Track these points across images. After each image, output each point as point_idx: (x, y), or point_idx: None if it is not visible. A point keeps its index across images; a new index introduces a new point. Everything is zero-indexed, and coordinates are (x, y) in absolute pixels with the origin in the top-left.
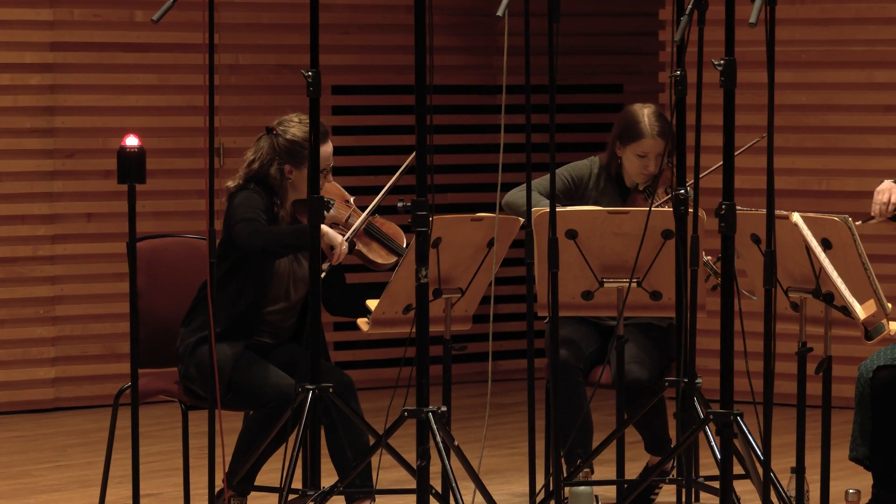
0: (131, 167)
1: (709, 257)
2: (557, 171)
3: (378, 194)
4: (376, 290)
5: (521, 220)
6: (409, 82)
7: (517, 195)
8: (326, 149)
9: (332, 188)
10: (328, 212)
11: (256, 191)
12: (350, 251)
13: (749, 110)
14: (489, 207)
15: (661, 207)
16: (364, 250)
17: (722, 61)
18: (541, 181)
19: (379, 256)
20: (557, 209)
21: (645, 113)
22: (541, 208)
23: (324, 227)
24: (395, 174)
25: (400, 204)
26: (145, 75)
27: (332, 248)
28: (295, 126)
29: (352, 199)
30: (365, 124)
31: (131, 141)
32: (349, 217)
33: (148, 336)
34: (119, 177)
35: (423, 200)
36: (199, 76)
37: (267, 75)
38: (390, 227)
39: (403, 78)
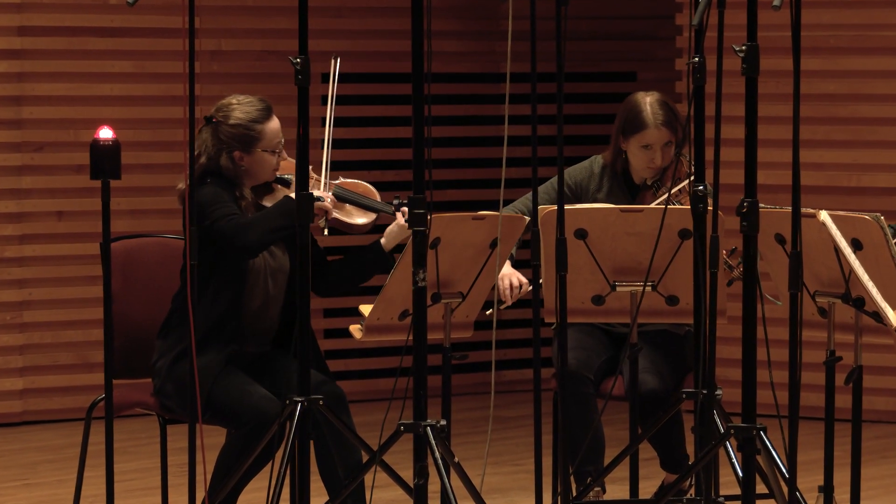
0: (105, 161)
1: (724, 251)
2: (551, 181)
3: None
4: (370, 294)
5: (527, 218)
6: (405, 70)
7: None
8: (272, 125)
9: (289, 165)
10: (289, 189)
11: (216, 184)
12: (327, 224)
13: (773, 100)
14: (492, 205)
15: (670, 196)
16: (340, 216)
17: (744, 47)
18: (523, 201)
19: (357, 217)
20: (566, 207)
21: (647, 101)
22: (535, 201)
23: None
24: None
25: (396, 201)
26: (120, 62)
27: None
28: (236, 109)
29: (311, 170)
30: (358, 115)
31: (105, 133)
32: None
33: (123, 344)
34: (92, 172)
35: (420, 198)
36: (179, 63)
37: (252, 62)
38: (359, 186)
39: (399, 65)
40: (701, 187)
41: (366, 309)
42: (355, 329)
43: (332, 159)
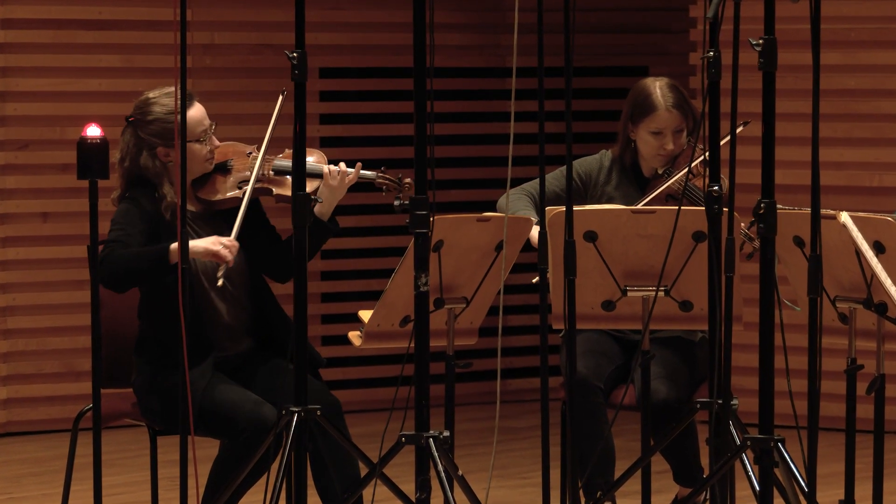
0: (92, 160)
1: (743, 224)
2: (561, 169)
3: (267, 135)
4: (370, 299)
5: (534, 220)
6: (407, 64)
7: (506, 203)
8: (194, 113)
9: (226, 148)
10: (228, 174)
11: (134, 197)
12: (223, 274)
13: (791, 96)
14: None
15: (688, 178)
16: (283, 191)
17: (761, 41)
18: (532, 184)
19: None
20: (575, 208)
21: (657, 85)
22: (543, 203)
23: (193, 246)
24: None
25: (397, 202)
26: (108, 56)
27: (215, 254)
28: (153, 104)
29: (254, 149)
30: (357, 111)
31: (93, 131)
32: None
33: (112, 352)
34: (79, 171)
35: (422, 198)
36: (170, 57)
37: (246, 56)
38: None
39: (400, 59)
40: (716, 187)
41: (365, 315)
42: (354, 336)
43: (329, 157)
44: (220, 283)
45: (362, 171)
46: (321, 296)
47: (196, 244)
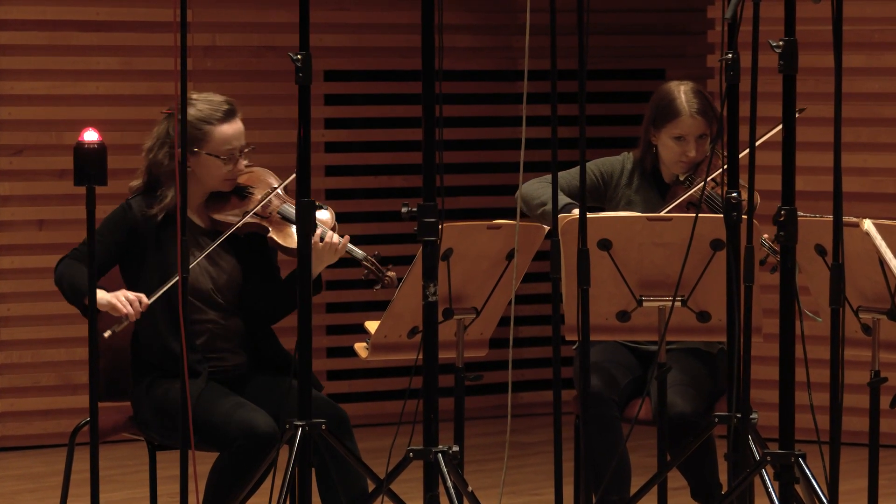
0: (90, 166)
1: (766, 235)
2: (576, 167)
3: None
4: (377, 309)
5: (546, 228)
6: (415, 67)
7: (534, 188)
8: (226, 129)
9: (257, 175)
10: (242, 200)
11: (130, 206)
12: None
13: (812, 99)
14: (509, 213)
15: (706, 186)
16: (277, 237)
17: (781, 42)
18: (567, 173)
19: (292, 241)
20: (588, 216)
21: (682, 89)
22: (556, 209)
23: (99, 296)
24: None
25: (404, 209)
26: (106, 59)
27: (114, 306)
28: (191, 106)
29: (279, 187)
30: (363, 116)
31: (90, 135)
32: (266, 205)
33: (109, 364)
34: (76, 177)
35: (431, 205)
36: (170, 60)
37: (248, 59)
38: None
39: (408, 62)
40: (735, 194)
41: (372, 325)
42: (360, 347)
43: (333, 163)
44: (106, 334)
45: (350, 247)
46: (326, 306)
47: (102, 295)
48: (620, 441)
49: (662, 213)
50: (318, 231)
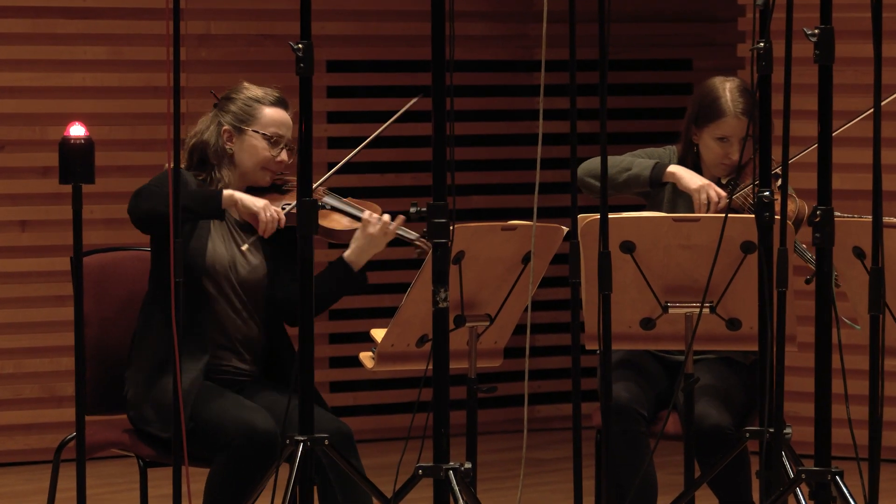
0: (76, 163)
1: (804, 244)
2: (633, 152)
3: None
4: (383, 317)
5: (565, 229)
6: (424, 57)
7: (610, 158)
8: (276, 112)
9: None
10: (281, 195)
11: (181, 171)
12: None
13: (850, 91)
14: (524, 213)
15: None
16: (324, 223)
17: (816, 30)
18: (631, 154)
19: (338, 224)
20: (610, 216)
21: (727, 87)
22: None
23: (232, 193)
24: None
25: (413, 209)
26: (94, 48)
27: (255, 215)
28: (246, 89)
29: (322, 181)
30: (368, 109)
31: (76, 130)
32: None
33: (97, 375)
34: (61, 175)
35: (441, 205)
36: (162, 49)
37: (246, 48)
38: (355, 201)
39: (416, 52)
40: (767, 192)
41: (378, 334)
42: (366, 357)
43: (336, 160)
44: (244, 247)
45: (402, 228)
46: (329, 313)
47: (244, 197)
48: (646, 457)
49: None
50: (368, 211)
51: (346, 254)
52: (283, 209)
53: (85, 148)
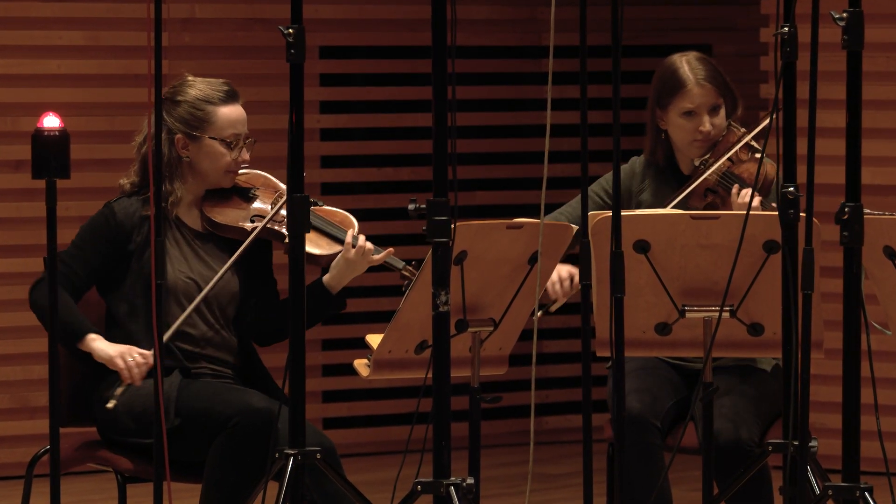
0: (50, 156)
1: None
2: (598, 182)
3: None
4: (380, 321)
5: (575, 227)
6: (424, 43)
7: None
8: (230, 111)
9: (257, 178)
10: (246, 202)
11: (114, 211)
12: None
13: (880, 79)
14: (531, 210)
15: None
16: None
17: (845, 14)
18: (570, 206)
19: (318, 247)
20: (624, 213)
21: (684, 59)
22: (586, 224)
23: (92, 341)
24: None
25: (412, 206)
26: (69, 33)
27: (117, 367)
28: (190, 87)
29: (284, 192)
30: (364, 98)
31: (50, 121)
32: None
33: (72, 384)
34: (34, 170)
35: (442, 201)
36: (142, 34)
37: (233, 32)
38: (335, 215)
39: (416, 37)
40: (791, 188)
41: (374, 340)
42: (361, 365)
43: (329, 153)
44: (109, 404)
45: (389, 259)
46: None
47: (105, 348)
48: (661, 472)
49: (671, 205)
50: (350, 233)
51: (326, 278)
52: (253, 221)
53: (59, 140)
